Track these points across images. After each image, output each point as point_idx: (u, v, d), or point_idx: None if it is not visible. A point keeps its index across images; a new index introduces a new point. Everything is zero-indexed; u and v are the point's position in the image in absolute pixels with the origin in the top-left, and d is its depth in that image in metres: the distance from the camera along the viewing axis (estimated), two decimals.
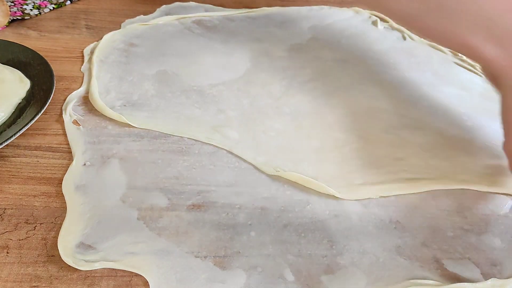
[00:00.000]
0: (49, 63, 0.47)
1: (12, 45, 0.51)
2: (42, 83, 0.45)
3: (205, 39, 0.59)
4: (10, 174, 0.38)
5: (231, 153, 0.40)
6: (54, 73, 0.46)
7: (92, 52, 0.55)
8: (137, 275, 0.30)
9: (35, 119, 0.40)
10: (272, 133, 0.43)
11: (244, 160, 0.40)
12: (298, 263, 0.31)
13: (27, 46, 0.51)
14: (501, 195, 0.38)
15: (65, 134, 0.42)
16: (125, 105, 0.46)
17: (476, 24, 0.33)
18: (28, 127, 0.39)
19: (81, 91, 0.48)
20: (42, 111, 0.41)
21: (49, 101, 0.42)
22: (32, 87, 0.45)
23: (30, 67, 0.47)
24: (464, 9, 0.33)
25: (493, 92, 0.52)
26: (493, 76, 0.36)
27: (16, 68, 0.47)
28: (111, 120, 0.44)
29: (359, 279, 0.31)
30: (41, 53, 0.49)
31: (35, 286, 0.29)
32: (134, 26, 0.60)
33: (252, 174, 0.38)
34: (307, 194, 0.37)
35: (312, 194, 0.37)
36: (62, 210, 0.35)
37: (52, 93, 0.43)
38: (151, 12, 0.66)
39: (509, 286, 0.31)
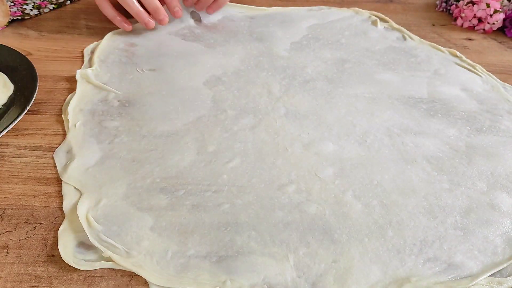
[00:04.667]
0: (35, 69, 0.47)
1: (1, 48, 0.50)
2: (25, 89, 0.45)
3: (205, 38, 0.59)
4: (10, 174, 0.38)
5: (232, 153, 0.40)
6: (55, 73, 0.46)
7: (92, 52, 0.55)
8: (137, 275, 0.30)
9: (10, 127, 0.39)
10: (271, 132, 0.43)
11: (245, 160, 0.40)
12: (299, 262, 0.31)
13: (20, 48, 0.50)
14: None
15: (65, 134, 0.42)
16: (125, 105, 0.46)
17: None
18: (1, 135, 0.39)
19: None
20: (19, 118, 0.40)
21: (28, 108, 0.42)
22: (15, 92, 0.45)
23: (16, 72, 0.47)
24: None
25: (492, 92, 0.52)
26: None
27: (2, 72, 0.47)
28: (111, 119, 0.44)
29: (360, 278, 0.31)
30: (41, 53, 0.49)
31: (35, 286, 0.29)
32: (134, 25, 0.60)
33: (252, 175, 0.38)
34: (308, 193, 0.37)
35: (313, 193, 0.37)
36: (62, 210, 0.35)
37: (32, 100, 0.43)
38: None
39: (507, 284, 0.31)
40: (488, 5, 0.66)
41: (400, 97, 0.50)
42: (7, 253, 0.31)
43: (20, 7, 0.63)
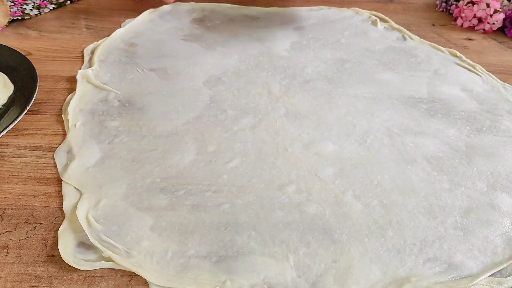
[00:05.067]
0: (35, 69, 0.47)
1: (1, 48, 0.50)
2: (25, 89, 0.45)
3: (205, 39, 0.59)
4: (10, 174, 0.38)
5: (232, 153, 0.40)
6: (55, 73, 0.46)
7: (92, 52, 0.55)
8: (137, 275, 0.30)
9: (10, 127, 0.39)
10: (271, 132, 0.43)
11: (245, 160, 0.40)
12: (299, 262, 0.31)
13: (21, 48, 0.50)
14: None
15: (65, 134, 0.42)
16: (125, 105, 0.46)
17: None
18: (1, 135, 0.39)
19: None
20: (19, 118, 0.40)
21: (28, 108, 0.42)
22: (14, 92, 0.45)
23: (16, 72, 0.47)
24: None
25: (492, 92, 0.52)
26: None
27: (2, 72, 0.47)
28: (111, 119, 0.44)
29: (360, 278, 0.31)
30: (41, 53, 0.49)
31: (35, 286, 0.29)
32: (135, 25, 0.60)
33: (252, 175, 0.39)
34: (308, 193, 0.37)
35: (313, 193, 0.37)
36: (62, 210, 0.35)
37: (32, 100, 0.43)
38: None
39: (507, 284, 0.31)
40: (488, 5, 0.66)
41: (400, 97, 0.50)
42: (7, 253, 0.31)
43: (20, 7, 0.63)
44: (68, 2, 0.68)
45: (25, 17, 0.62)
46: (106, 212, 0.34)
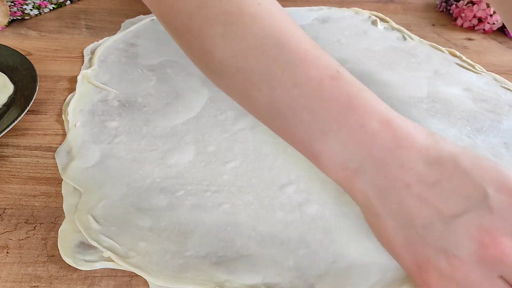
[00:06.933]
0: (35, 69, 0.47)
1: (1, 48, 0.50)
2: (25, 89, 0.45)
3: None
4: (10, 174, 0.38)
5: (232, 153, 0.40)
6: (55, 73, 0.46)
7: (92, 52, 0.55)
8: (137, 275, 0.30)
9: (10, 127, 0.39)
10: (271, 132, 0.43)
11: (245, 160, 0.40)
12: (299, 263, 0.31)
13: (21, 48, 0.50)
14: None
15: (65, 134, 0.42)
16: (125, 105, 0.46)
17: None
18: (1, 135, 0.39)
19: None
20: (19, 118, 0.40)
21: (28, 108, 0.42)
22: (15, 92, 0.45)
23: (16, 72, 0.47)
24: None
25: (493, 92, 0.52)
26: None
27: (2, 72, 0.47)
28: (111, 120, 0.44)
29: (360, 278, 0.31)
30: (41, 53, 0.49)
31: (35, 286, 0.29)
32: (135, 25, 0.60)
33: (252, 175, 0.39)
34: (308, 193, 0.37)
35: (313, 193, 0.37)
36: (62, 210, 0.35)
37: (32, 100, 0.42)
38: (151, 12, 0.66)
39: None
40: (488, 5, 0.66)
41: (400, 97, 0.50)
42: (7, 253, 0.31)
43: (20, 7, 0.64)
44: (68, 2, 0.68)
45: (25, 17, 0.62)
46: (106, 212, 0.34)
